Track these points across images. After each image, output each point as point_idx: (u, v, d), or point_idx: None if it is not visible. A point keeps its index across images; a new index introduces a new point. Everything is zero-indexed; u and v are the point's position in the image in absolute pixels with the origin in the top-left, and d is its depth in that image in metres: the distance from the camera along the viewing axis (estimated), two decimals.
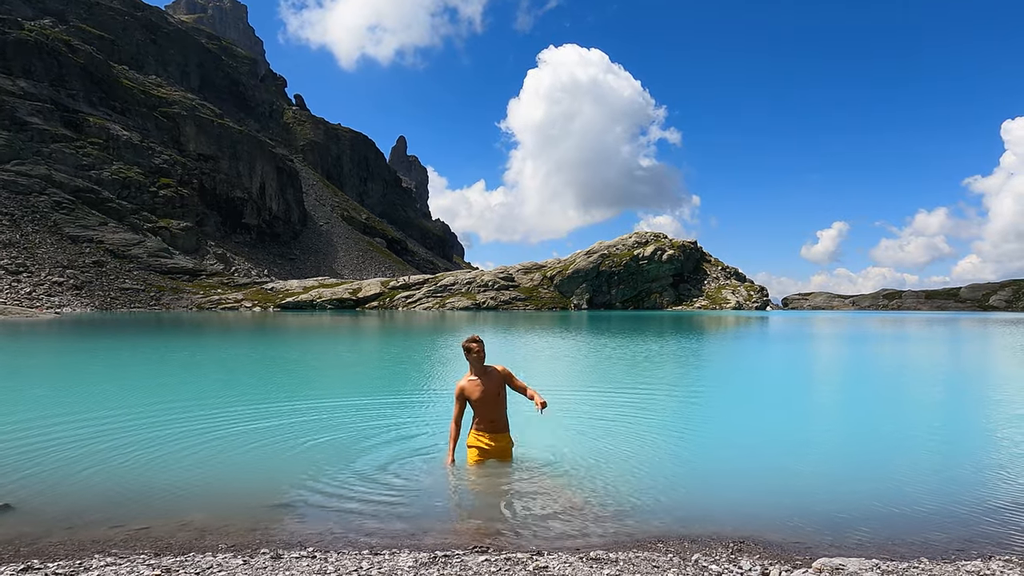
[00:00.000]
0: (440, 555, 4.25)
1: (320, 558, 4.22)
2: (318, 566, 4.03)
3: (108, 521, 5.06)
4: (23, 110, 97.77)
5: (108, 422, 9.00)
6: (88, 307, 77.26)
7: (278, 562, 4.12)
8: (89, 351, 24.10)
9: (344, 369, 19.28)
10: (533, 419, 8.43)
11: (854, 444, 8.55)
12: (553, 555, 4.31)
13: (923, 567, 4.13)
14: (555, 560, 4.17)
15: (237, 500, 5.68)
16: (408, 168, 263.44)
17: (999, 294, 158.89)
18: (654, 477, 6.46)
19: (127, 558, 4.23)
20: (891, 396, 13.78)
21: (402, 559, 4.18)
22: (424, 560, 4.14)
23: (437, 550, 4.41)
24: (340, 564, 4.07)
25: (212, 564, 4.06)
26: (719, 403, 12.35)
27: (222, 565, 4.05)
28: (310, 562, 4.12)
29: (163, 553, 4.38)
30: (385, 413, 10.00)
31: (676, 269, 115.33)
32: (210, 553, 4.37)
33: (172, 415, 9.63)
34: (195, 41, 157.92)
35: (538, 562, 4.11)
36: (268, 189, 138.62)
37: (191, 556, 4.27)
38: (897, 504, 5.64)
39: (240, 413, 9.86)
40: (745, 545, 4.63)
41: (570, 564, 4.08)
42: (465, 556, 4.25)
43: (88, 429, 8.49)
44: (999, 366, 20.84)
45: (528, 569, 3.98)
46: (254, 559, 4.18)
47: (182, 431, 8.44)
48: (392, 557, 4.23)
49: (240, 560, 4.16)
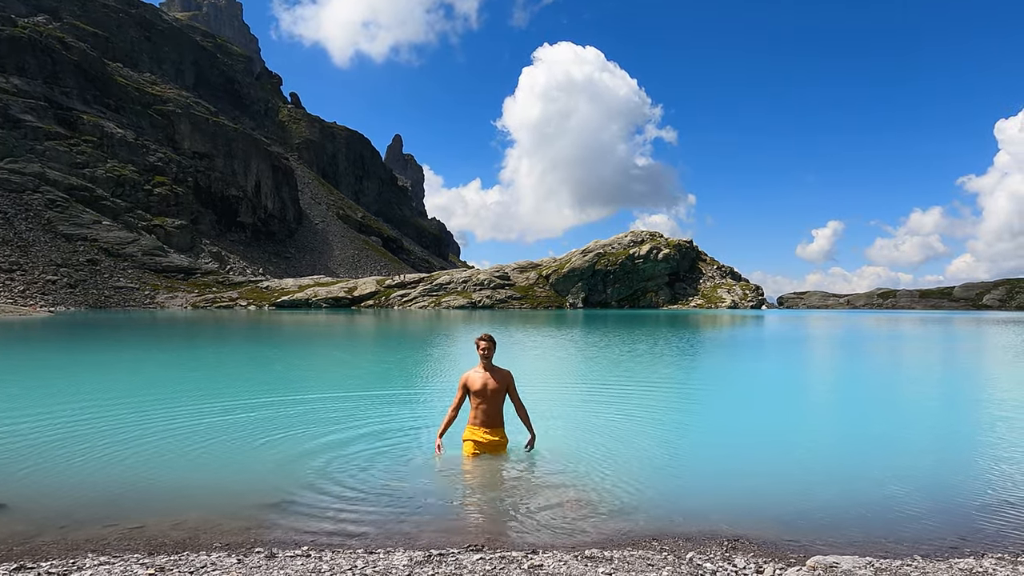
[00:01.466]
0: (435, 553, 4.25)
1: (315, 557, 4.21)
2: (312, 565, 4.02)
3: (101, 520, 5.04)
4: (16, 107, 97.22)
5: (101, 420, 8.96)
6: (82, 305, 76.92)
7: (272, 561, 4.11)
8: (81, 350, 23.99)
9: (337, 367, 19.24)
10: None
11: (847, 443, 8.59)
12: (548, 553, 4.31)
13: (916, 565, 4.15)
14: (550, 558, 4.17)
15: (231, 499, 5.66)
16: (404, 166, 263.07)
17: (992, 293, 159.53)
18: (649, 475, 6.47)
19: (121, 557, 4.21)
20: (884, 395, 13.84)
21: (397, 558, 4.17)
22: (419, 559, 4.13)
23: (432, 548, 4.41)
24: (335, 563, 4.06)
25: (206, 563, 4.05)
26: (713, 401, 12.38)
27: (216, 564, 4.03)
28: (304, 561, 4.11)
29: (157, 552, 4.37)
30: (379, 411, 9.99)
31: (672, 268, 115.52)
32: (204, 552, 4.35)
33: (165, 413, 9.60)
34: (190, 38, 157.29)
35: (533, 560, 4.11)
36: (263, 187, 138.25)
37: (185, 555, 4.26)
38: (890, 502, 5.66)
39: (233, 411, 9.83)
40: (739, 543, 4.64)
41: (565, 562, 4.09)
42: (460, 555, 4.24)
43: (81, 427, 8.46)
44: (990, 365, 20.94)
45: (523, 567, 3.98)
46: (248, 558, 4.17)
47: (176, 429, 8.41)
48: (387, 556, 4.23)
49: (234, 559, 4.15)
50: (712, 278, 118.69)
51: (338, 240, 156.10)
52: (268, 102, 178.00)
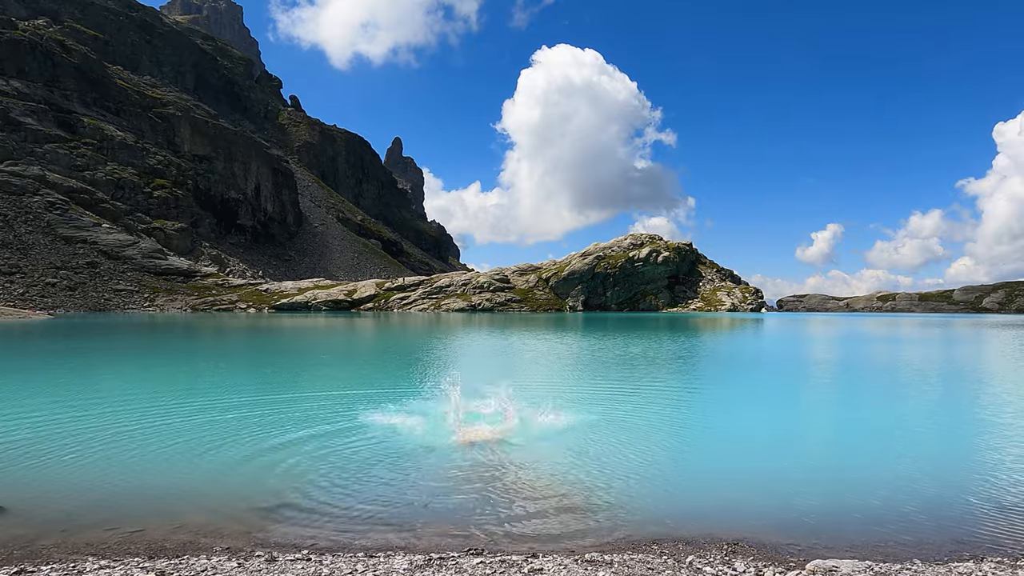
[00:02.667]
0: (435, 557, 4.26)
1: (315, 561, 4.21)
2: (313, 569, 4.03)
3: (102, 523, 5.04)
4: (17, 110, 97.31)
5: (100, 424, 8.96)
6: (82, 308, 76.88)
7: (273, 565, 4.11)
8: (79, 353, 23.98)
9: (336, 371, 19.24)
10: (528, 421, 8.45)
11: (847, 448, 8.59)
12: (548, 557, 4.32)
13: (916, 569, 4.16)
14: (550, 562, 4.18)
15: (231, 502, 5.66)
16: (404, 169, 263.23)
17: (992, 296, 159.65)
18: (648, 479, 6.47)
19: (121, 561, 4.22)
20: (883, 400, 13.84)
21: (397, 561, 4.18)
22: (419, 562, 4.14)
23: (432, 552, 4.41)
24: (335, 566, 4.07)
25: (207, 567, 4.05)
26: (713, 405, 12.38)
27: (217, 568, 4.04)
28: (305, 565, 4.11)
29: (157, 556, 4.37)
30: (378, 415, 9.98)
31: (671, 271, 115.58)
32: (204, 555, 4.36)
33: (165, 417, 9.60)
34: (190, 42, 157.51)
35: (533, 564, 4.12)
36: (263, 190, 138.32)
37: (185, 559, 4.26)
38: (890, 506, 5.67)
39: (233, 415, 9.83)
40: (739, 547, 4.65)
41: (565, 566, 4.09)
42: (460, 558, 4.25)
43: (80, 431, 8.46)
44: (989, 370, 20.94)
45: (523, 571, 3.98)
46: (249, 561, 4.18)
47: (176, 433, 8.41)
48: (387, 560, 4.23)
49: (235, 563, 4.15)
50: (712, 281, 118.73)
51: (338, 243, 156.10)
52: (268, 105, 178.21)
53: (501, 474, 6.39)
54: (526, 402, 9.19)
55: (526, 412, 8.93)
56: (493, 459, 6.73)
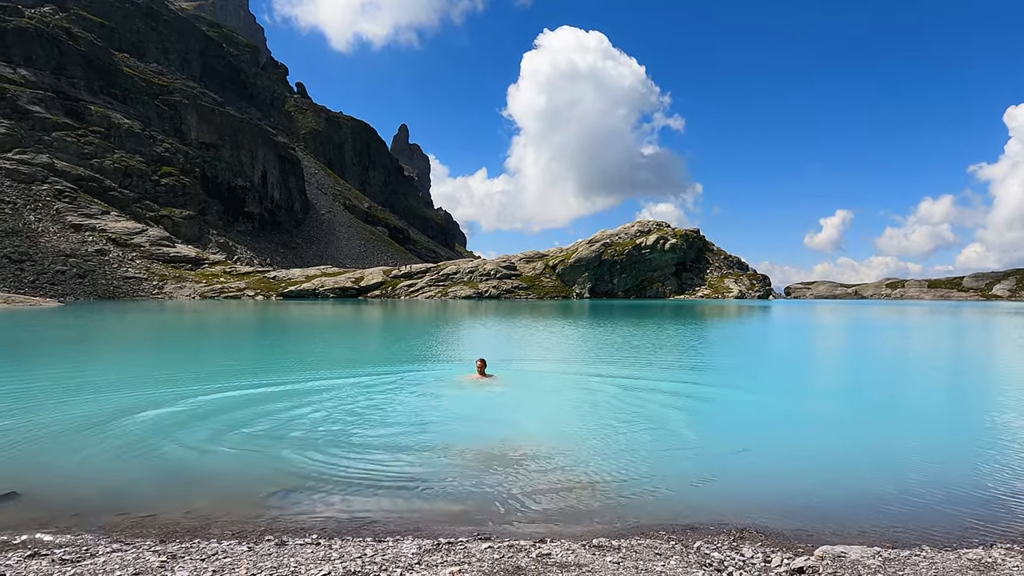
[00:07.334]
0: (443, 542, 4.27)
1: (324, 545, 4.24)
2: (322, 553, 4.05)
3: (114, 508, 5.09)
4: (24, 98, 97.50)
5: (111, 411, 9.03)
6: (91, 296, 77.42)
7: (283, 549, 4.14)
8: (91, 339, 24.18)
9: (344, 357, 19.31)
10: (536, 405, 8.47)
11: (856, 434, 8.56)
12: (556, 542, 4.33)
13: (925, 555, 4.14)
14: (558, 547, 4.19)
15: (241, 487, 5.71)
16: (410, 156, 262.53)
17: (1002, 283, 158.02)
18: (657, 465, 6.47)
19: (133, 544, 4.26)
20: (892, 386, 13.78)
21: (406, 545, 4.20)
22: (428, 547, 4.16)
23: (440, 536, 4.43)
24: (344, 551, 4.09)
25: (217, 551, 4.09)
26: (722, 392, 12.34)
27: (227, 552, 4.07)
28: (314, 549, 4.14)
29: (168, 539, 4.41)
30: (387, 400, 10.02)
31: (679, 258, 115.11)
32: (215, 539, 4.39)
33: (175, 402, 9.65)
34: (196, 29, 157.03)
35: (541, 549, 4.13)
36: (270, 178, 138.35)
37: (196, 543, 4.30)
38: (899, 493, 5.65)
39: (242, 400, 9.89)
40: (747, 533, 4.65)
41: (573, 551, 4.10)
42: (468, 543, 4.27)
43: (92, 417, 8.53)
44: (999, 357, 20.80)
45: (531, 556, 4.00)
46: (259, 546, 4.21)
47: (186, 418, 8.47)
48: (395, 544, 4.25)
49: (244, 547, 4.19)
50: (719, 268, 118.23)
51: (344, 230, 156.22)
52: (274, 92, 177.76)
53: (510, 460, 6.40)
54: (535, 387, 9.21)
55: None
56: (502, 447, 6.74)
